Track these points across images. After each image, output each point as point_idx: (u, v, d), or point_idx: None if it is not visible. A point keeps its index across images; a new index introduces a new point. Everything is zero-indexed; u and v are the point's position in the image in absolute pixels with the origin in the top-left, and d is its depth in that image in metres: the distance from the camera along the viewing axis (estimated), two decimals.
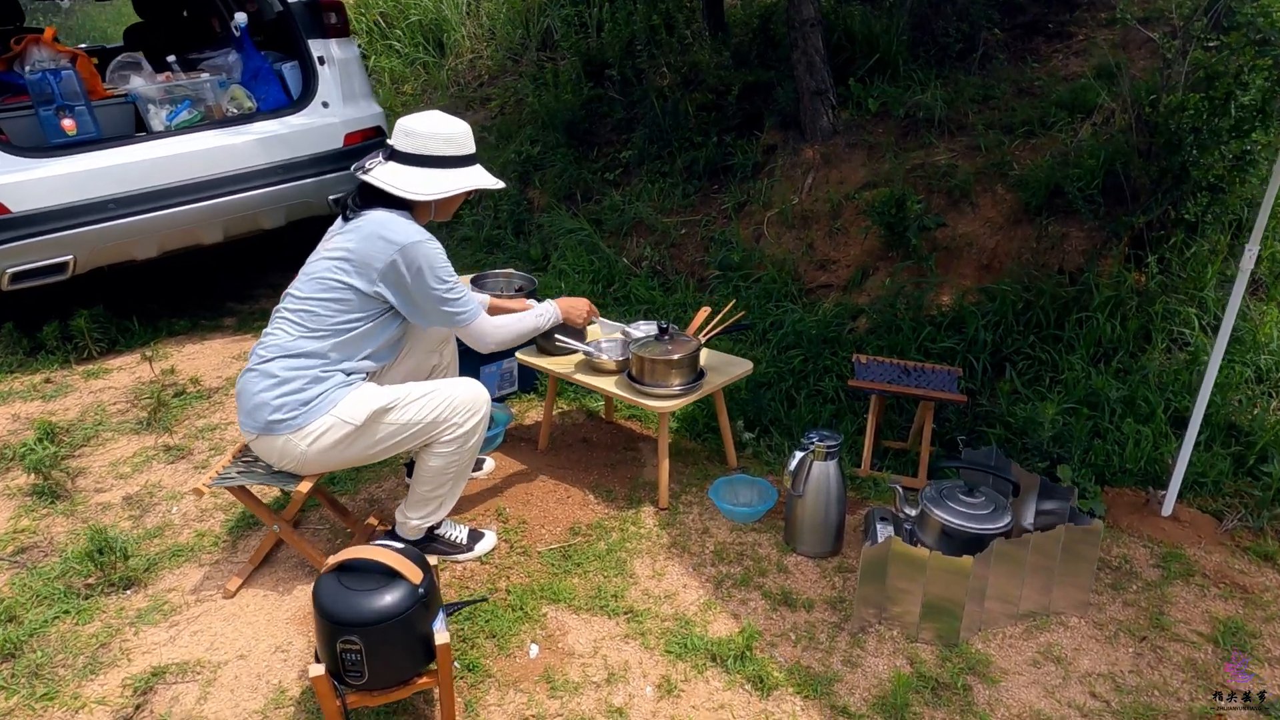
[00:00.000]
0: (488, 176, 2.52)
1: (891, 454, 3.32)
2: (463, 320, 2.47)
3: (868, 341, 3.74)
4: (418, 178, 2.39)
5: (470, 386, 2.48)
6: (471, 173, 2.48)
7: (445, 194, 2.40)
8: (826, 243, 4.35)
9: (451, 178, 2.42)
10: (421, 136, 2.39)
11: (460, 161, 2.45)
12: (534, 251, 5.12)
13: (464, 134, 2.45)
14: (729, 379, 2.92)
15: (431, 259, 2.36)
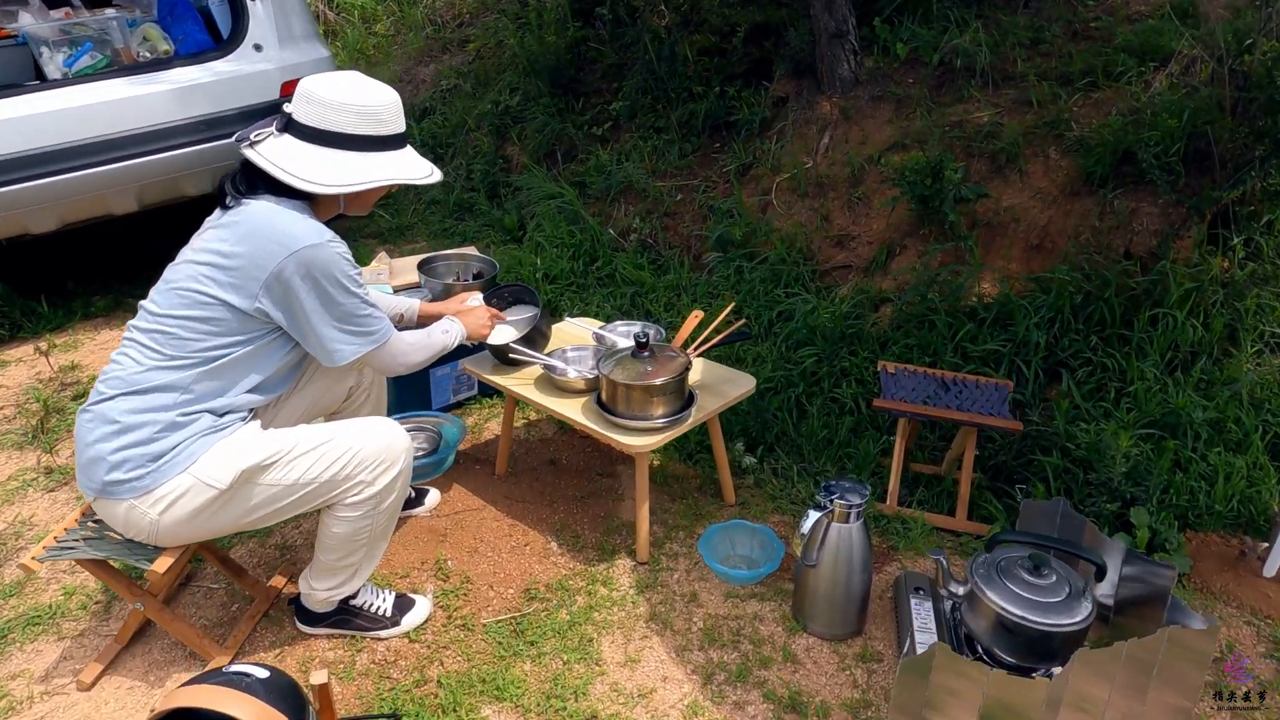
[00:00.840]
0: (419, 164, 1.91)
1: (923, 481, 2.74)
2: (373, 343, 1.88)
3: (893, 338, 3.14)
4: (321, 161, 1.78)
5: (383, 432, 1.90)
6: (396, 159, 1.86)
7: (356, 187, 1.79)
8: (845, 215, 3.71)
9: (368, 165, 1.81)
10: (330, 106, 1.77)
11: (382, 143, 1.84)
12: (509, 219, 4.48)
13: (389, 106, 1.83)
14: (726, 402, 2.33)
15: (333, 269, 1.76)
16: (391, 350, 1.92)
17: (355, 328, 1.83)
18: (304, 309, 1.77)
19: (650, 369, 2.15)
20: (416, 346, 2.01)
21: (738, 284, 3.58)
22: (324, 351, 1.83)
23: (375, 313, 1.87)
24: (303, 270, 1.73)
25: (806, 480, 2.72)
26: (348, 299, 1.80)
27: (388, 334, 1.90)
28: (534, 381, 2.43)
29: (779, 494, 2.66)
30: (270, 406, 2.01)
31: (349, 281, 1.79)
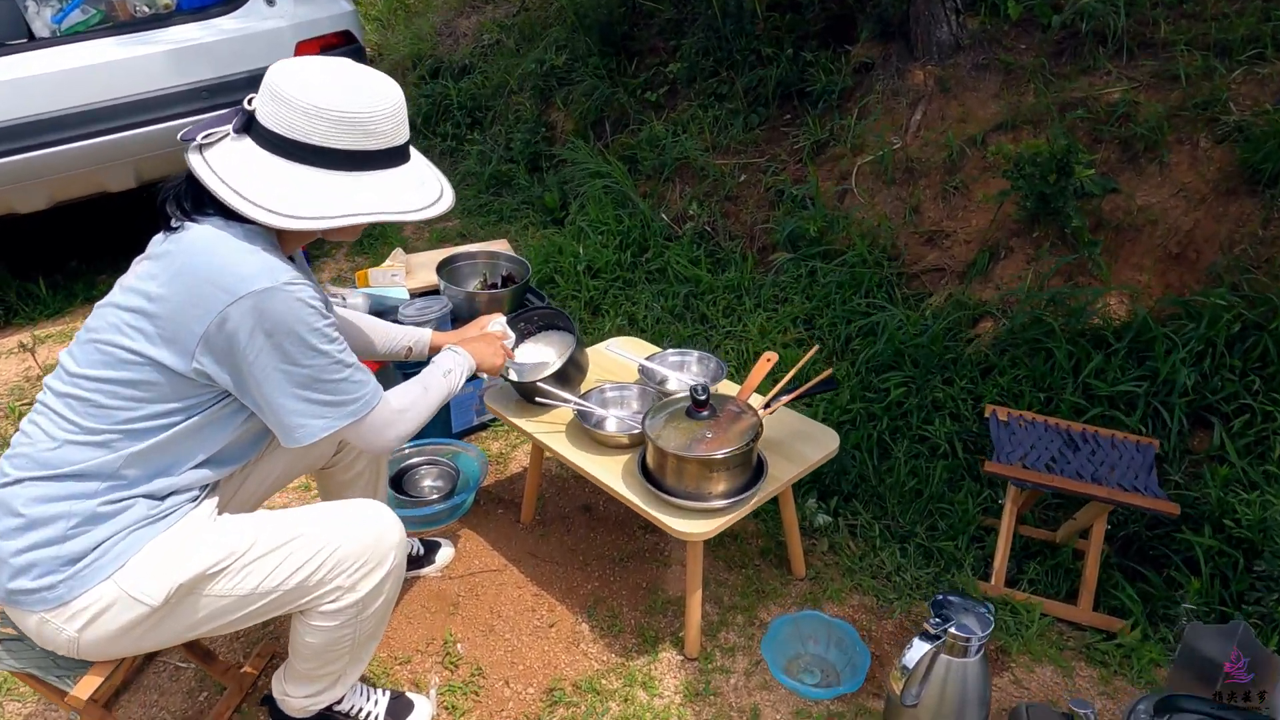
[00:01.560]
0: (420, 189, 1.44)
1: (1034, 549, 2.26)
2: (349, 416, 1.45)
3: (997, 365, 2.62)
4: (286, 180, 1.33)
5: (369, 522, 1.49)
6: (389, 183, 1.39)
7: (327, 221, 1.34)
8: (938, 207, 3.16)
9: (349, 189, 1.35)
10: (299, 110, 1.31)
11: (371, 161, 1.37)
12: (550, 198, 4.01)
13: (382, 114, 1.36)
14: (801, 469, 1.87)
15: (293, 320, 1.33)
16: (376, 422, 1.49)
17: (325, 396, 1.40)
18: (254, 373, 1.35)
19: (710, 435, 1.69)
20: (410, 409, 1.58)
21: (809, 288, 3.08)
22: (282, 427, 1.41)
23: (354, 374, 1.44)
24: (251, 322, 1.31)
25: (891, 545, 2.26)
26: (314, 359, 1.37)
27: (371, 401, 1.47)
28: (566, 428, 2.00)
29: (858, 563, 2.20)
30: (232, 477, 1.61)
31: (316, 336, 1.36)
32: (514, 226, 4.06)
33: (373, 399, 1.47)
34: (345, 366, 1.42)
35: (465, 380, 1.73)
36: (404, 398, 1.59)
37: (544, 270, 3.43)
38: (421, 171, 1.47)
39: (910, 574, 2.17)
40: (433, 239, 4.00)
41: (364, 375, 1.46)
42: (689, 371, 2.20)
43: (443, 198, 1.48)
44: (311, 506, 1.51)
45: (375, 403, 1.47)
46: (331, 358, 1.39)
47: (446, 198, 1.48)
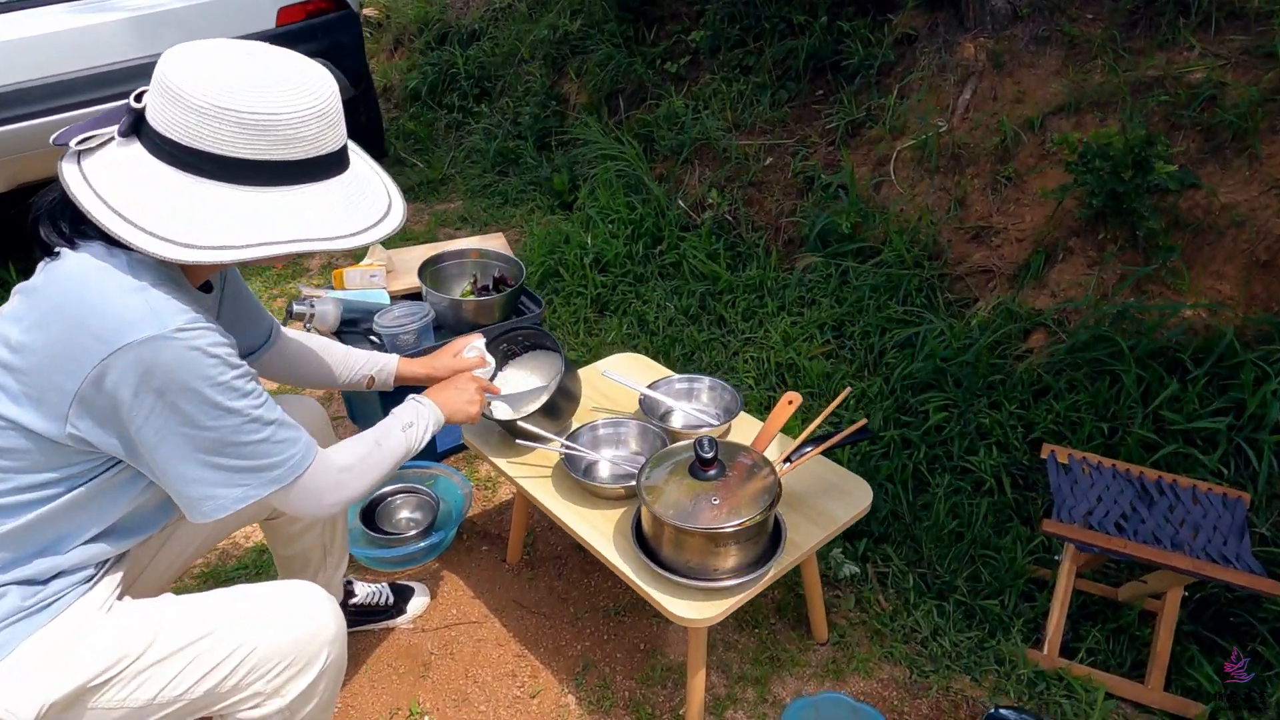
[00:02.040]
0: (357, 208, 1.15)
1: (1092, 608, 1.96)
2: (272, 483, 1.18)
3: (1052, 386, 2.30)
4: (184, 200, 1.05)
5: (299, 611, 1.23)
6: (320, 200, 1.10)
7: (233, 253, 1.05)
8: (987, 200, 2.82)
9: (265, 211, 1.07)
10: (197, 110, 1.02)
11: (295, 173, 1.08)
12: (558, 179, 3.70)
13: (312, 110, 1.06)
14: (828, 533, 1.57)
15: (189, 375, 1.06)
16: (311, 486, 1.22)
17: (238, 461, 1.14)
18: (145, 439, 1.08)
19: (717, 500, 1.40)
20: (357, 467, 1.31)
21: (840, 290, 2.76)
22: (184, 500, 1.14)
23: (277, 433, 1.16)
24: (135, 379, 1.04)
25: (927, 601, 1.97)
26: (220, 419, 1.10)
27: (301, 464, 1.20)
28: (553, 472, 1.72)
29: (889, 624, 1.92)
30: (145, 544, 1.36)
31: (221, 391, 1.09)
32: (519, 210, 3.76)
33: (302, 460, 1.20)
34: (264, 424, 1.14)
35: (430, 435, 1.45)
36: (349, 454, 1.31)
37: (548, 263, 3.14)
38: (363, 183, 1.18)
39: (949, 639, 1.88)
40: (431, 224, 3.72)
41: (291, 432, 1.19)
42: (698, 402, 1.91)
43: (389, 216, 1.18)
44: (230, 591, 1.25)
45: (307, 464, 1.20)
46: (244, 415, 1.12)
47: (394, 216, 1.19)
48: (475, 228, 3.69)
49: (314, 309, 2.16)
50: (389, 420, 1.41)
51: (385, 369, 1.67)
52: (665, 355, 2.75)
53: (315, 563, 1.70)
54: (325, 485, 1.24)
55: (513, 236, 3.60)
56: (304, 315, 2.14)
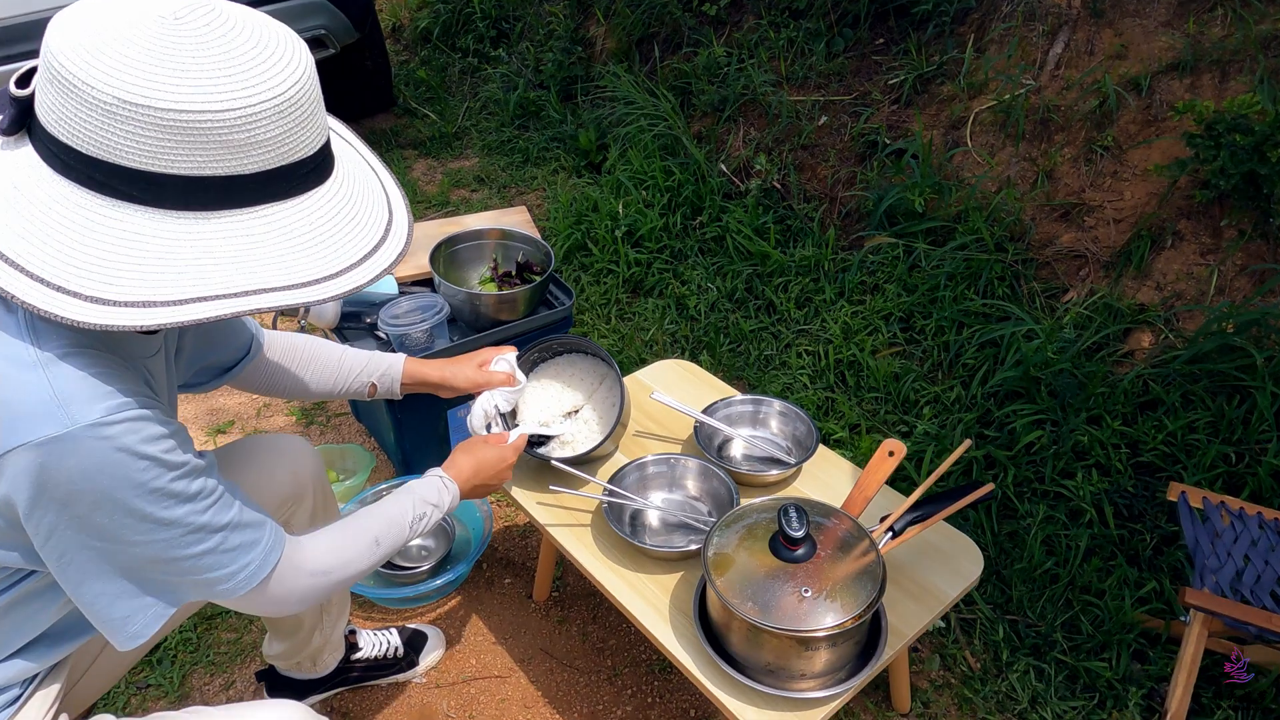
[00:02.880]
0: (353, 234, 0.83)
1: (1215, 670, 1.68)
2: (230, 592, 0.90)
3: (1162, 398, 1.98)
4: (95, 234, 0.73)
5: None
6: (287, 226, 0.78)
7: (167, 314, 0.73)
8: (1080, 172, 2.45)
9: (215, 250, 0.75)
10: (101, 104, 0.69)
11: (251, 190, 0.76)
12: (585, 137, 3.33)
13: (275, 101, 0.73)
14: (934, 614, 1.28)
15: (115, 484, 0.77)
16: (268, 595, 0.94)
17: (173, 578, 0.85)
18: (47, 555, 0.80)
19: (809, 591, 1.11)
20: (337, 572, 1.02)
21: (908, 276, 2.42)
22: (105, 624, 0.87)
23: (229, 539, 0.87)
24: (31, 490, 0.75)
25: (1022, 660, 1.69)
26: (151, 534, 0.81)
27: (257, 573, 0.91)
28: (593, 519, 1.43)
29: (980, 689, 1.65)
30: (80, 651, 1.08)
31: (153, 500, 0.79)
32: (541, 170, 3.40)
33: (258, 569, 0.91)
34: (210, 533, 0.86)
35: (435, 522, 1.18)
36: (333, 554, 1.02)
37: (574, 236, 2.80)
38: (352, 191, 0.86)
39: (1052, 709, 1.61)
40: (444, 185, 3.38)
41: (246, 535, 0.90)
42: (764, 429, 1.60)
43: (388, 241, 0.86)
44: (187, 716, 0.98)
45: (264, 572, 0.92)
46: (183, 526, 0.83)
47: (394, 242, 0.87)
48: (493, 189, 3.35)
49: None
50: (400, 506, 1.12)
51: (389, 374, 1.37)
52: (709, 349, 2.44)
53: (310, 623, 1.43)
54: (293, 590, 0.97)
55: (534, 202, 3.26)
56: (297, 310, 1.84)
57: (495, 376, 1.40)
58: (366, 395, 1.37)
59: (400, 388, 1.38)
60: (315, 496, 1.31)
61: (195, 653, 1.70)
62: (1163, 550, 1.84)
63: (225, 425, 2.28)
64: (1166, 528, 1.86)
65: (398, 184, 0.94)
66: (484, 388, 1.40)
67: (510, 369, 1.42)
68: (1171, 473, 1.91)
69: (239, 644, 1.72)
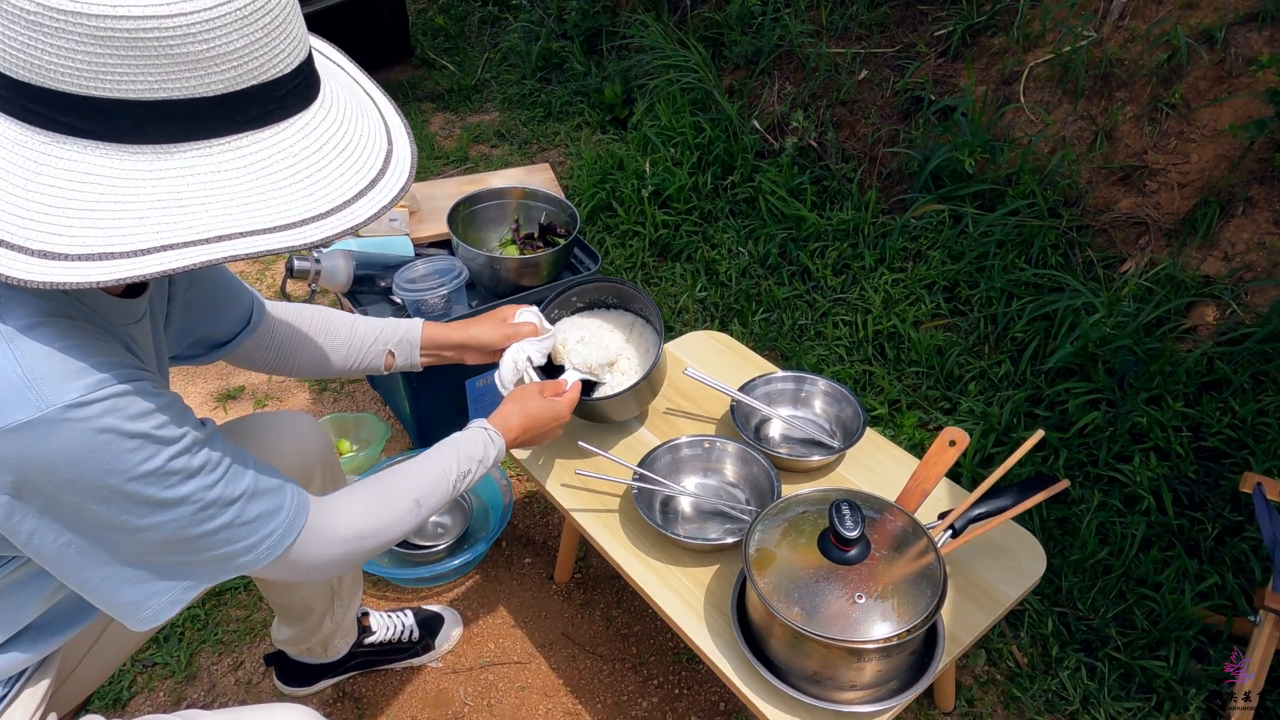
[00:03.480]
0: (344, 169, 0.70)
1: None
2: (253, 563, 0.83)
3: (1229, 378, 1.85)
4: (40, 177, 0.61)
5: None
6: (265, 160, 0.66)
7: (134, 267, 0.61)
8: (1143, 132, 2.28)
9: (177, 190, 0.63)
10: (26, 12, 0.57)
11: (220, 116, 0.63)
12: (610, 91, 3.17)
13: (237, 5, 0.61)
14: (992, 618, 1.18)
15: (102, 469, 0.68)
16: (299, 561, 0.87)
17: (189, 557, 0.78)
18: (39, 551, 0.72)
19: (862, 597, 1.01)
20: (373, 538, 0.95)
21: (954, 245, 2.28)
22: (116, 608, 0.79)
23: (248, 508, 0.80)
24: (9, 482, 0.66)
25: (1072, 656, 1.59)
26: (157, 516, 0.73)
27: (282, 540, 0.84)
28: (621, 505, 1.34)
29: (1028, 688, 1.55)
30: (71, 644, 1.00)
31: (152, 482, 0.71)
32: (565, 126, 3.26)
33: (283, 536, 0.84)
34: (225, 506, 0.77)
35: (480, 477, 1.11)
36: (368, 518, 0.95)
37: (598, 195, 2.67)
38: (343, 116, 0.73)
39: (1105, 710, 1.51)
40: (463, 139, 3.24)
41: (266, 503, 0.82)
42: (806, 410, 1.49)
43: (387, 175, 0.73)
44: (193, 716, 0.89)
45: (290, 538, 0.85)
46: (194, 504, 0.75)
47: (394, 176, 0.73)
48: (513, 145, 3.21)
49: (320, 265, 1.74)
50: (443, 462, 1.05)
51: (407, 339, 1.27)
52: (740, 317, 2.32)
53: (320, 609, 1.35)
54: (323, 558, 0.90)
55: (556, 159, 3.12)
56: (308, 274, 1.74)
57: (522, 328, 1.30)
58: (384, 368, 1.27)
59: (420, 355, 1.28)
60: (323, 476, 1.21)
61: (203, 630, 1.64)
62: (1225, 541, 1.72)
63: (235, 391, 2.20)
64: (1230, 518, 1.74)
65: (398, 110, 0.81)
66: (512, 340, 1.29)
67: (536, 319, 1.31)
68: (1238, 459, 1.78)
69: (248, 622, 1.65)
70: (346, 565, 0.95)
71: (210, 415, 2.13)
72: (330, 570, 0.93)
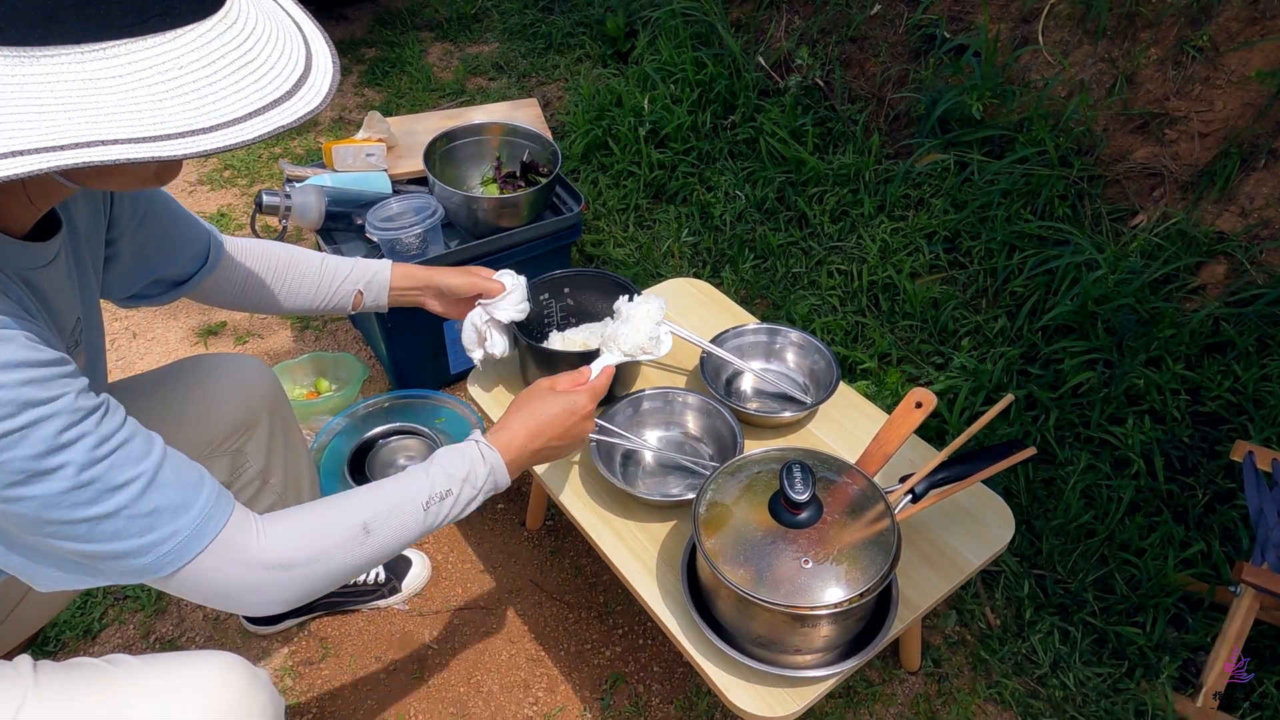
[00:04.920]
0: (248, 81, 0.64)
1: (1265, 642, 1.54)
2: (143, 572, 0.75)
3: (1234, 340, 1.78)
4: None
5: (215, 687, 0.85)
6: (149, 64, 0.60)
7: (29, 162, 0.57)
8: (1165, 77, 2.16)
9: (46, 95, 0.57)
10: None
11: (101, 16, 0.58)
12: (612, 22, 3.05)
13: None
14: (952, 584, 1.15)
15: None
16: (203, 583, 0.77)
17: (73, 545, 0.72)
18: None
19: (809, 562, 0.97)
20: (305, 568, 0.81)
21: (958, 191, 2.19)
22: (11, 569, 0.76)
23: (140, 502, 0.72)
24: None
25: (1046, 619, 1.57)
26: (20, 486, 0.67)
27: (181, 553, 0.75)
28: (581, 459, 1.30)
29: (997, 650, 1.53)
30: (9, 583, 0.99)
31: (15, 443, 0.65)
32: (564, 59, 3.14)
33: (187, 544, 0.75)
34: (109, 490, 0.71)
35: (475, 507, 0.94)
36: (301, 542, 0.82)
37: (594, 132, 2.58)
38: (250, 30, 0.66)
39: (1075, 674, 1.49)
40: (459, 71, 3.14)
41: (166, 497, 0.74)
42: (779, 363, 1.44)
43: (303, 86, 0.67)
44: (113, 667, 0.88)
45: (197, 546, 0.76)
46: (69, 482, 0.69)
47: (313, 88, 0.67)
48: (511, 79, 3.11)
49: (290, 200, 1.69)
50: (409, 483, 0.89)
51: (376, 281, 1.22)
52: (733, 264, 2.25)
53: None
54: (237, 584, 0.79)
55: (555, 93, 3.02)
56: (278, 209, 1.69)
57: (490, 283, 1.24)
58: (351, 307, 1.23)
59: (389, 295, 1.24)
60: (271, 424, 1.19)
61: None
62: (1215, 509, 1.67)
63: (217, 327, 2.17)
64: (1222, 484, 1.69)
65: (320, 30, 0.72)
66: (476, 287, 1.23)
67: (511, 279, 1.26)
68: (1236, 425, 1.72)
69: None
70: (270, 600, 0.81)
71: (191, 351, 2.12)
72: (248, 601, 0.80)
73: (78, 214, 0.88)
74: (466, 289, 1.23)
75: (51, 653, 1.49)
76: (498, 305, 1.24)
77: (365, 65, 3.22)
